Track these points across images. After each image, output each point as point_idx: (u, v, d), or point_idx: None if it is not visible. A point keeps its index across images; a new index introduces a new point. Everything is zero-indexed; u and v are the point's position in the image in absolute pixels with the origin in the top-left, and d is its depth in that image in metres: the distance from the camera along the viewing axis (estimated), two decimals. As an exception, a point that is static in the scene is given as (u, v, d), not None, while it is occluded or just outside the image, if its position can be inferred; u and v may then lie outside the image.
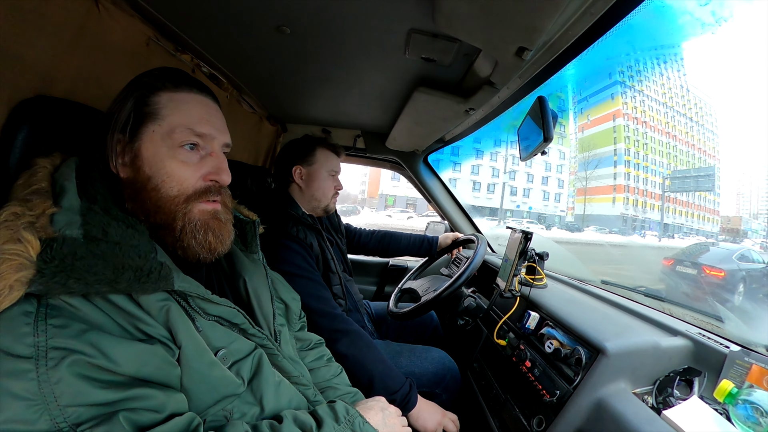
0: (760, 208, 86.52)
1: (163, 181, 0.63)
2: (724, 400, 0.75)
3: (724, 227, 69.89)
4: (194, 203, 0.66)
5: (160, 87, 0.65)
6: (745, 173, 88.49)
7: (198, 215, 0.66)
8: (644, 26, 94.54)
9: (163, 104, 0.64)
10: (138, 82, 0.66)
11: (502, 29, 0.79)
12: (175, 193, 0.64)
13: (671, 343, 0.94)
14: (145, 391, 0.51)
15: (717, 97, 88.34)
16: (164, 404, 0.52)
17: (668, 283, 8.41)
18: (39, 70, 0.73)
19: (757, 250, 9.41)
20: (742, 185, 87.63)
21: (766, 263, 9.08)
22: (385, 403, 0.87)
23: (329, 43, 1.06)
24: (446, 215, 2.36)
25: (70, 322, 0.47)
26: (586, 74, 79.63)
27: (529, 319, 1.12)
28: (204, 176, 0.67)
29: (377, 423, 0.79)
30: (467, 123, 1.57)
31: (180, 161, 0.64)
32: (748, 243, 54.66)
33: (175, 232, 0.65)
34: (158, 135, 0.63)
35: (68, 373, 0.45)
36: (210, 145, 0.68)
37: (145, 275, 0.54)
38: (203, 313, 0.63)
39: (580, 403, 0.85)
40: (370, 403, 0.85)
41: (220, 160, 0.69)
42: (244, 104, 1.65)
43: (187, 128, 0.64)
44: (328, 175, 1.42)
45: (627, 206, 61.65)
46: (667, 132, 73.20)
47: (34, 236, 0.47)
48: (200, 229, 0.66)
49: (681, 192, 64.94)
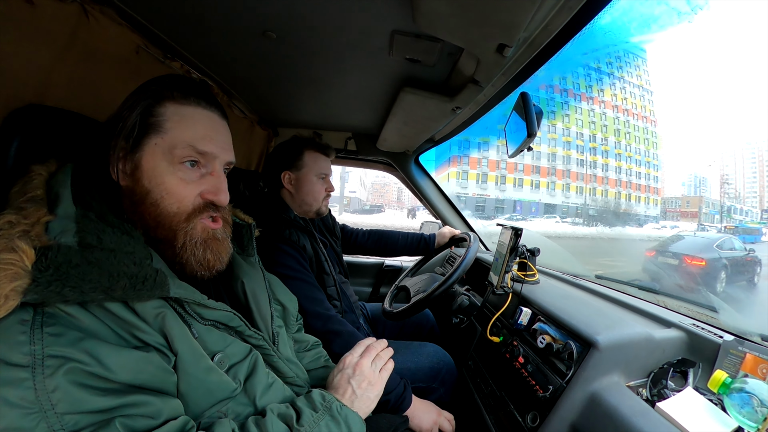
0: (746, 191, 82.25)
1: (162, 197, 0.63)
2: (718, 390, 0.74)
3: (683, 211, 64.54)
4: (196, 220, 0.66)
5: (168, 97, 0.64)
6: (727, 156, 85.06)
7: (201, 233, 0.66)
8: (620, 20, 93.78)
9: (168, 117, 0.63)
10: (146, 89, 0.65)
11: (481, 27, 0.80)
12: (175, 210, 0.64)
13: (665, 335, 0.94)
14: (141, 397, 0.51)
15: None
16: (160, 410, 0.52)
17: (652, 274, 8.50)
18: (30, 80, 0.74)
19: (737, 238, 9.51)
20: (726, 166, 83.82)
21: (747, 251, 9.14)
22: (350, 368, 0.83)
23: (314, 46, 1.07)
24: (439, 214, 2.37)
25: (66, 330, 0.47)
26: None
27: (521, 315, 1.12)
28: (201, 194, 0.66)
29: (349, 397, 0.77)
30: (455, 122, 1.58)
31: (179, 178, 0.64)
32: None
33: (175, 249, 0.65)
34: (160, 149, 0.62)
35: (65, 381, 0.45)
36: (211, 164, 0.67)
37: (140, 282, 0.54)
38: (199, 318, 0.63)
39: (574, 398, 0.84)
40: (336, 379, 0.81)
41: (219, 180, 0.68)
42: (235, 109, 1.66)
43: (189, 145, 0.64)
44: (317, 179, 1.42)
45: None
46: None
47: (29, 245, 0.47)
48: (200, 247, 0.66)
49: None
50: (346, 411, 0.71)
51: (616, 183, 67.56)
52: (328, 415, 0.68)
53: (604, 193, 62.56)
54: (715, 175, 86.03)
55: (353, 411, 0.73)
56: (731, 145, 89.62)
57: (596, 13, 0.78)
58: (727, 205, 74.32)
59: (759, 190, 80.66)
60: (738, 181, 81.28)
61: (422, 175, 2.32)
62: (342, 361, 0.85)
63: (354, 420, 0.71)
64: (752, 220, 67.78)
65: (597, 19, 0.80)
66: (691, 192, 78.77)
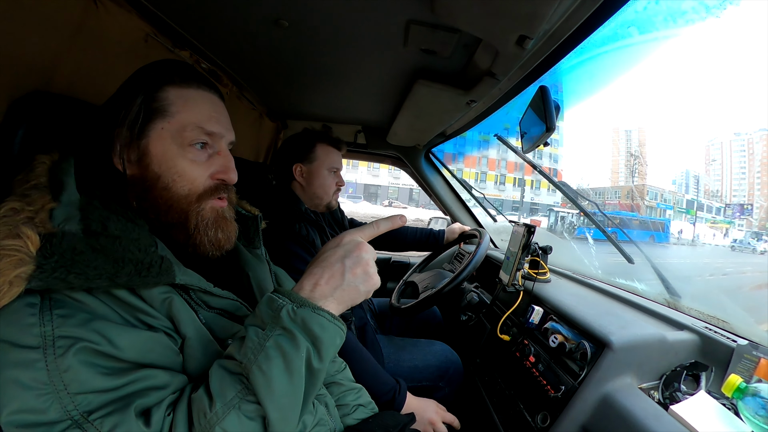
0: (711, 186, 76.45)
1: (174, 180, 0.62)
2: (732, 395, 0.73)
3: (621, 203, 56.85)
4: (206, 201, 0.66)
5: (168, 81, 0.63)
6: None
7: (210, 213, 0.66)
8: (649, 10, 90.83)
9: (172, 100, 0.63)
10: (142, 75, 0.64)
11: (502, 18, 0.78)
12: (186, 192, 0.63)
13: (677, 337, 0.93)
14: (149, 371, 0.51)
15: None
16: (169, 382, 0.53)
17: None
18: (37, 67, 0.74)
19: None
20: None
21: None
22: (351, 244, 0.60)
23: (327, 35, 1.05)
24: (448, 210, 2.35)
25: (74, 312, 0.48)
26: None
27: (532, 314, 1.11)
28: (212, 175, 0.66)
29: (330, 282, 0.56)
30: (468, 116, 1.56)
31: (190, 160, 0.64)
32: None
33: (189, 230, 0.65)
34: (168, 133, 0.62)
35: (76, 361, 0.45)
36: (218, 144, 0.67)
37: (145, 269, 0.53)
38: (205, 306, 0.62)
39: (586, 399, 0.83)
40: (326, 255, 0.59)
41: (227, 159, 0.68)
42: (244, 100, 1.65)
43: (197, 126, 0.63)
44: (329, 173, 1.41)
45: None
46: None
47: (34, 231, 0.47)
48: (211, 227, 0.67)
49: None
50: (304, 313, 0.51)
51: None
52: (279, 328, 0.51)
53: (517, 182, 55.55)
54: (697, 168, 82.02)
55: (321, 309, 0.53)
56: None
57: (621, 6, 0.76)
58: (686, 199, 69.07)
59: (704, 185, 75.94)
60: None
61: (432, 170, 2.30)
62: (341, 236, 0.62)
63: (317, 322, 0.52)
64: (714, 217, 63.89)
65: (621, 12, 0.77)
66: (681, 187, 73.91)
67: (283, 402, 0.50)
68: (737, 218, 63.67)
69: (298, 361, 0.50)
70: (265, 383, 0.49)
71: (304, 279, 0.57)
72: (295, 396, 0.51)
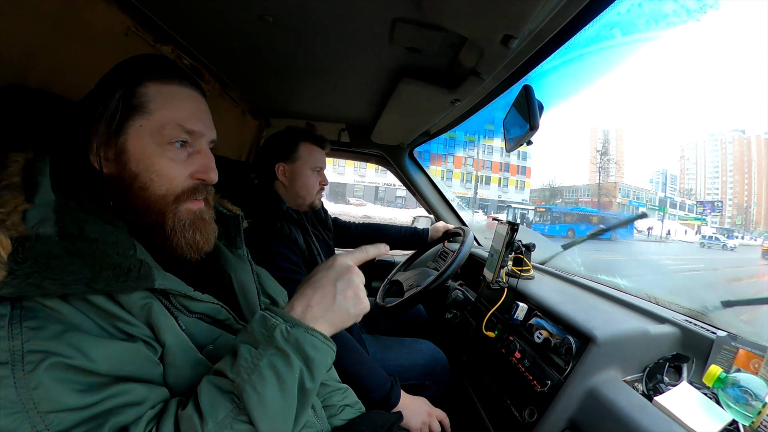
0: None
1: (152, 179, 0.60)
2: (713, 385, 0.75)
3: (592, 201, 57.09)
4: (182, 203, 0.64)
5: (148, 77, 0.61)
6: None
7: (186, 215, 0.64)
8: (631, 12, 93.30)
9: (152, 97, 0.60)
10: (122, 70, 0.62)
11: (488, 17, 0.78)
12: (164, 192, 0.61)
13: (659, 330, 0.95)
14: (126, 386, 0.49)
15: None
16: (147, 396, 0.50)
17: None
18: (13, 60, 0.71)
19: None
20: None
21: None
22: (342, 267, 0.61)
23: (312, 32, 1.04)
24: (432, 209, 2.36)
25: (46, 323, 0.45)
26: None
27: (517, 311, 1.12)
28: (192, 174, 0.64)
29: (321, 304, 0.57)
30: (453, 114, 1.57)
31: (169, 159, 0.61)
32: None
33: (166, 232, 0.63)
34: (146, 130, 0.60)
35: (47, 377, 0.42)
36: (198, 143, 0.65)
37: (124, 273, 0.51)
38: (186, 311, 0.60)
39: (572, 393, 0.85)
40: (317, 277, 0.60)
41: (208, 158, 0.66)
42: (227, 98, 1.62)
43: (177, 124, 0.61)
44: (312, 172, 1.40)
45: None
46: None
47: (5, 235, 0.44)
48: (189, 228, 0.64)
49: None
50: (298, 334, 0.52)
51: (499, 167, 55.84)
52: (273, 348, 0.51)
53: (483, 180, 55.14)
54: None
55: (314, 330, 0.53)
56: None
57: (605, 7, 0.77)
58: (659, 196, 70.47)
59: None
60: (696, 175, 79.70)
61: (416, 168, 2.30)
62: (332, 259, 0.62)
63: (310, 343, 0.52)
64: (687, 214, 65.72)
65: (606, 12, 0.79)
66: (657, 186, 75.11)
67: (276, 422, 0.50)
68: (708, 215, 65.86)
69: (291, 382, 0.51)
70: (259, 403, 0.48)
71: (296, 300, 0.58)
72: (288, 416, 0.51)
